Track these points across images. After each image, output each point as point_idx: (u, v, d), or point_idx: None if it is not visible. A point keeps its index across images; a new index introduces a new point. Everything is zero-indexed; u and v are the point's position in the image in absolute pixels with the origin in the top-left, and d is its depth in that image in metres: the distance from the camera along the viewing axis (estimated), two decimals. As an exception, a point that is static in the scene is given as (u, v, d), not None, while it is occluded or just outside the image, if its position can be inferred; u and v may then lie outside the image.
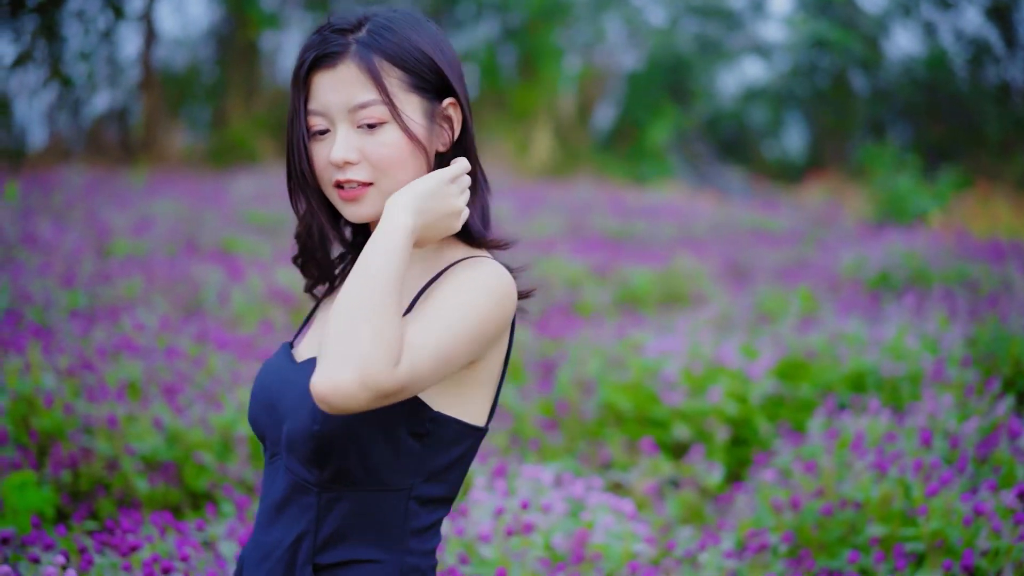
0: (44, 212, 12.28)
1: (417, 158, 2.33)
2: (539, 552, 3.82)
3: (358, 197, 2.32)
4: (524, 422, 6.02)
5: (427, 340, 2.17)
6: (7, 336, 6.33)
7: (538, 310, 8.27)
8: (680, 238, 11.58)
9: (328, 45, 2.31)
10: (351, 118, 2.30)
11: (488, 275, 2.26)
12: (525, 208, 13.59)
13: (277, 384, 2.35)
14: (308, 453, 2.24)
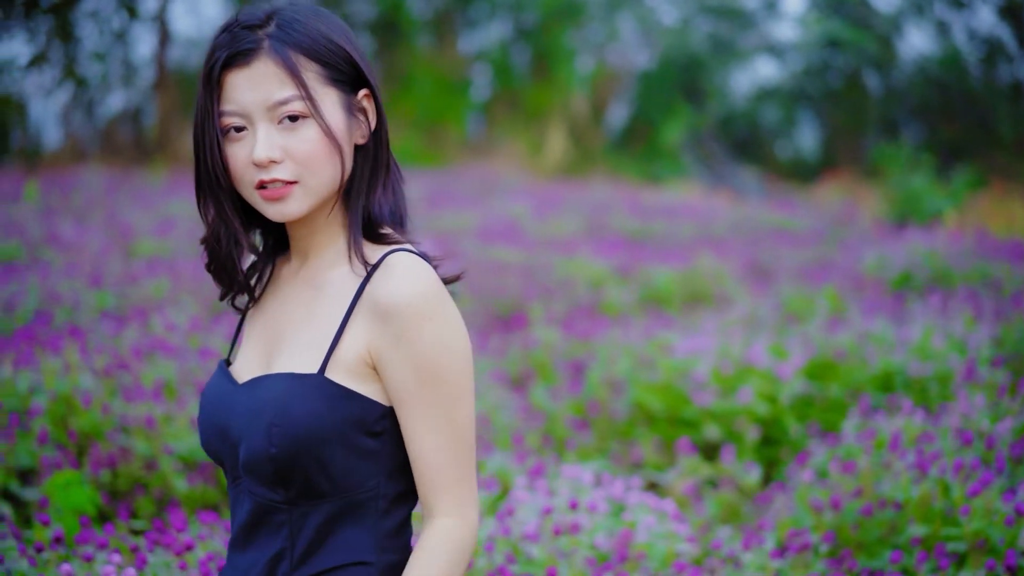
0: (65, 212, 12.32)
1: (335, 154, 2.29)
2: (587, 552, 3.84)
3: (283, 196, 2.27)
4: (556, 422, 6.05)
5: (463, 472, 2.25)
6: (44, 337, 6.37)
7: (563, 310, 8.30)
8: (700, 238, 11.61)
9: (239, 42, 2.26)
10: (270, 115, 2.25)
11: (424, 302, 2.23)
12: (542, 208, 13.61)
13: (224, 408, 2.32)
14: (270, 475, 2.23)
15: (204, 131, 2.28)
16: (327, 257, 2.37)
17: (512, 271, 9.27)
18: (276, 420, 2.20)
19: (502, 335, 7.58)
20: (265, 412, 2.22)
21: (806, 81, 25.68)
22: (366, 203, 2.36)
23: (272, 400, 2.22)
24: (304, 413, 2.21)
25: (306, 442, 2.20)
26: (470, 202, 14.23)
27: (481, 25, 24.83)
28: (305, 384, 2.23)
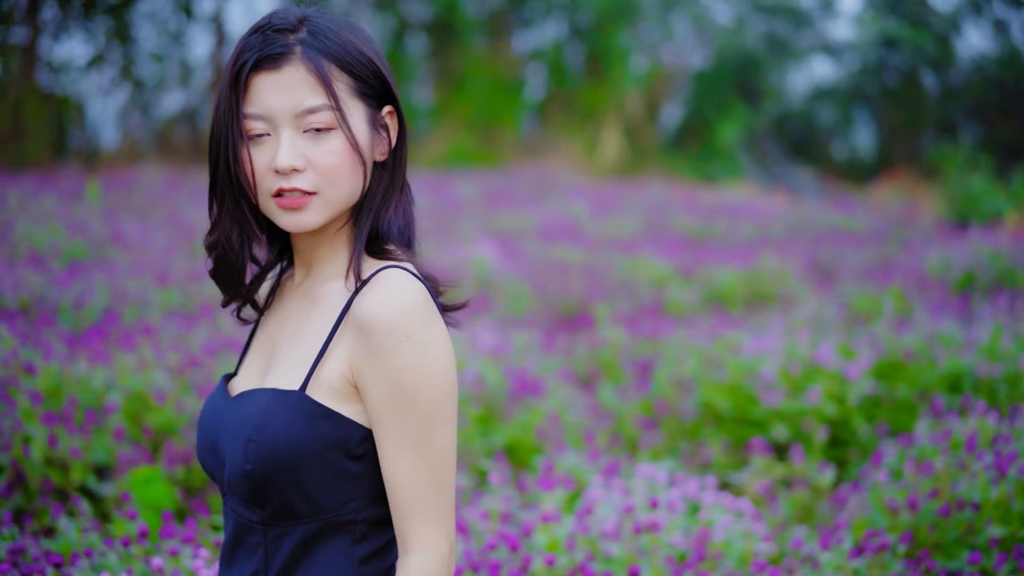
0: (126, 212, 12.43)
1: (359, 168, 2.23)
2: (668, 550, 3.85)
3: (301, 206, 2.20)
4: (624, 421, 6.06)
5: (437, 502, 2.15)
6: (115, 334, 6.44)
7: (626, 310, 8.29)
8: (760, 238, 11.58)
9: (271, 45, 2.20)
10: (297, 123, 2.19)
11: (406, 321, 2.14)
12: (599, 208, 13.61)
13: (215, 423, 2.27)
14: (246, 493, 2.18)
15: (226, 132, 2.21)
16: (327, 271, 2.31)
17: (574, 271, 9.28)
18: (253, 436, 2.15)
19: (566, 334, 7.59)
20: (245, 427, 2.17)
21: (862, 80, 25.53)
22: (375, 220, 2.30)
23: (252, 416, 2.18)
24: (281, 431, 2.16)
25: (282, 460, 2.15)
26: (527, 202, 14.24)
27: (535, 25, 24.84)
28: (285, 401, 2.18)
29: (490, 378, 5.92)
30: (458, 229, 11.74)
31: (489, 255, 9.40)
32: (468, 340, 6.47)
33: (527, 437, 5.63)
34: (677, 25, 24.55)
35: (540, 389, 6.01)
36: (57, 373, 5.47)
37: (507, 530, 3.90)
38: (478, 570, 3.52)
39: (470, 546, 3.79)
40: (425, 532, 2.14)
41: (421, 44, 24.72)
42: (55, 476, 4.89)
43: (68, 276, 8.47)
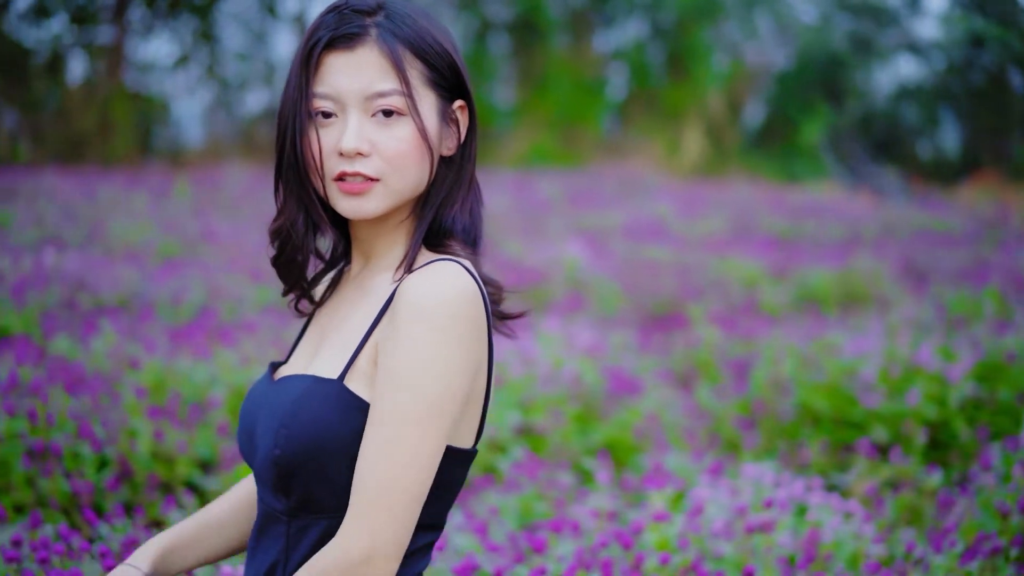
0: (214, 209, 12.55)
1: (425, 158, 2.19)
2: (781, 551, 3.82)
3: (363, 192, 2.16)
4: (722, 422, 6.03)
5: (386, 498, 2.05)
6: (215, 330, 6.51)
7: (718, 310, 8.26)
8: (850, 238, 11.47)
9: (346, 25, 2.15)
10: (366, 106, 2.15)
11: (436, 308, 2.06)
12: (685, 208, 13.56)
13: (255, 409, 2.24)
14: (273, 479, 2.14)
15: (294, 110, 2.18)
16: (383, 262, 2.28)
17: (664, 270, 9.25)
18: (285, 422, 2.12)
19: (660, 334, 7.56)
20: (278, 414, 2.14)
21: (949, 80, 25.21)
22: (438, 216, 2.26)
23: (287, 402, 2.14)
24: (313, 419, 2.12)
25: (311, 449, 2.10)
26: (611, 202, 14.22)
27: (617, 24, 24.78)
28: (322, 389, 2.14)
29: (588, 377, 5.91)
30: (545, 228, 11.74)
31: (579, 254, 9.40)
32: (565, 339, 6.47)
33: (625, 436, 5.61)
34: (760, 23, 24.38)
35: (637, 388, 5.99)
36: (160, 368, 5.53)
37: (616, 529, 3.89)
38: (590, 568, 3.51)
39: (580, 544, 3.78)
40: (353, 525, 2.06)
41: (503, 44, 24.74)
42: (161, 470, 4.95)
43: (164, 273, 8.57)
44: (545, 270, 9.21)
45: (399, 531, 2.05)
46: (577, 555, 3.57)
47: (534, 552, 3.68)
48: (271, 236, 2.31)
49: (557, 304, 8.21)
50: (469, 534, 3.99)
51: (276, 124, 2.21)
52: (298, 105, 2.16)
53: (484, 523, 4.08)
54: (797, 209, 13.43)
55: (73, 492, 4.59)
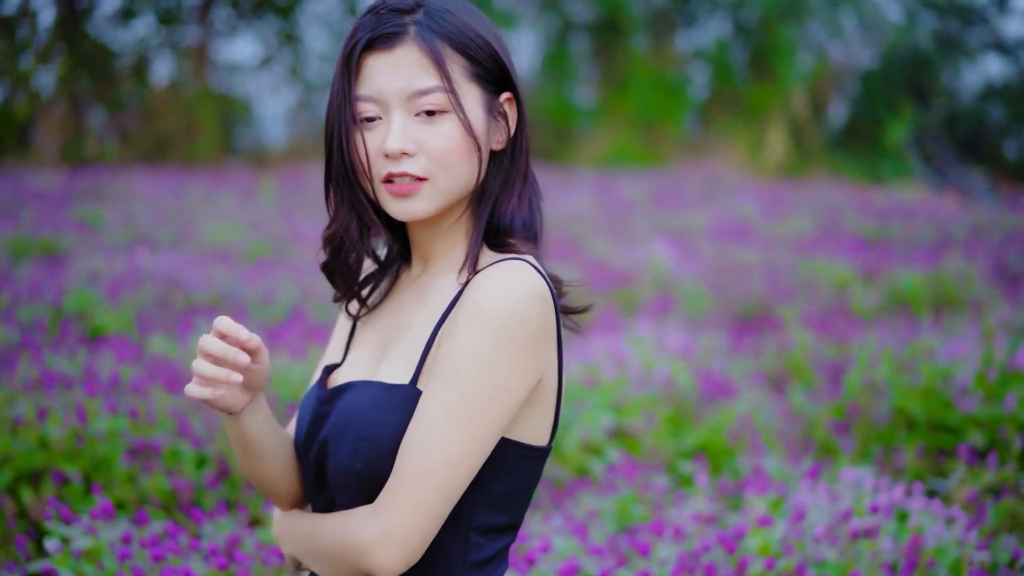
0: (298, 209, 12.64)
1: (473, 154, 2.18)
2: (884, 557, 3.79)
3: (411, 192, 2.15)
4: (816, 425, 5.98)
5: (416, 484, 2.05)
6: (308, 330, 6.56)
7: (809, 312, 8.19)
8: (940, 239, 11.33)
9: (384, 25, 2.15)
10: (408, 105, 2.14)
11: (495, 308, 2.07)
12: (769, 208, 13.47)
13: (311, 416, 2.24)
14: (356, 492, 2.14)
15: (339, 115, 2.17)
16: (444, 264, 2.27)
17: (751, 271, 9.20)
18: (364, 434, 2.12)
19: (750, 336, 7.52)
20: (353, 424, 2.13)
21: (1037, 79, 24.87)
22: (495, 212, 2.24)
23: (360, 412, 2.14)
24: (391, 428, 2.11)
25: (393, 458, 2.10)
26: (695, 202, 14.16)
27: (699, 23, 24.68)
28: (394, 396, 2.14)
29: (680, 379, 5.89)
30: (630, 229, 11.72)
31: (665, 255, 9.37)
32: (656, 341, 6.45)
33: (719, 439, 5.59)
34: (845, 22, 24.17)
35: (730, 391, 5.96)
36: (257, 368, 5.57)
37: (716, 533, 3.88)
38: (693, 572, 3.50)
39: (681, 547, 3.77)
40: (382, 504, 2.07)
41: (583, 44, 24.72)
42: (259, 468, 4.99)
43: (254, 273, 8.65)
44: (632, 271, 9.19)
45: (423, 521, 2.05)
46: (680, 559, 3.56)
47: (637, 555, 3.68)
48: (325, 242, 2.30)
49: (645, 306, 8.19)
50: (568, 536, 4.00)
51: (325, 130, 2.21)
52: (342, 110, 2.16)
53: (583, 525, 4.08)
54: (884, 210, 13.29)
55: (173, 490, 4.65)
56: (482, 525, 2.18)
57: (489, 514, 2.18)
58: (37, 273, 8.36)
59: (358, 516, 2.10)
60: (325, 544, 2.13)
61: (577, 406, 5.63)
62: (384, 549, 2.04)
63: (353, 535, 2.07)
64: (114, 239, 10.37)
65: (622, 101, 22.67)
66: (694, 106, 24.16)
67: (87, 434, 4.88)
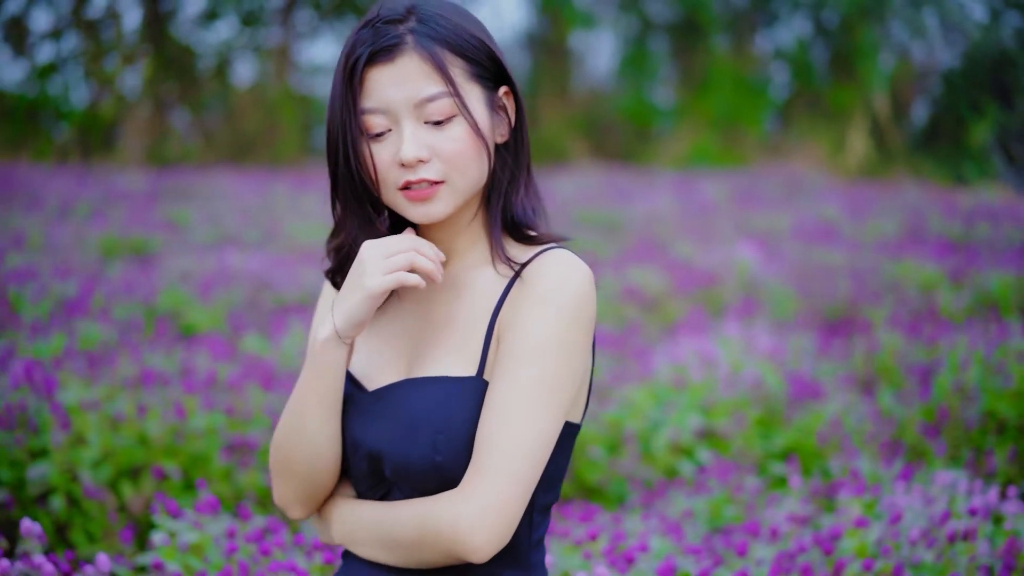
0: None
1: (483, 152, 2.23)
2: (980, 560, 3.78)
3: (430, 196, 2.20)
4: (906, 428, 5.96)
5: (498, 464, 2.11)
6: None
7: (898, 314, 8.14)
8: (1027, 241, 11.20)
9: (383, 38, 2.18)
10: (416, 113, 2.18)
11: (563, 292, 2.17)
12: (853, 210, 13.39)
13: (369, 422, 2.26)
14: (433, 484, 2.17)
15: (344, 130, 2.20)
16: (469, 259, 2.32)
17: (837, 273, 9.15)
18: (441, 427, 2.16)
19: (838, 338, 7.50)
20: (429, 419, 2.17)
21: (1124, 79, 24.49)
22: (508, 204, 2.30)
23: (434, 407, 2.18)
24: (465, 419, 2.17)
25: (471, 450, 2.15)
26: (777, 203, 14.11)
27: (779, 23, 24.56)
28: (464, 388, 2.19)
29: (769, 381, 5.89)
30: (713, 230, 11.70)
31: (750, 257, 9.35)
32: (744, 342, 6.45)
33: (809, 441, 5.58)
34: (927, 22, 23.93)
35: (818, 393, 5.95)
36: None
37: (811, 534, 3.89)
38: (789, 572, 3.51)
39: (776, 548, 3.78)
40: (473, 484, 2.12)
41: (662, 44, 24.69)
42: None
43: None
44: (716, 272, 9.18)
45: (515, 500, 2.11)
46: (776, 559, 3.57)
47: (733, 555, 3.69)
48: (331, 252, 2.35)
49: (731, 307, 8.18)
50: (661, 536, 4.02)
51: (327, 144, 2.25)
52: (347, 124, 2.20)
53: (677, 525, 4.11)
54: (968, 212, 13.16)
55: (268, 486, 4.72)
56: (541, 504, 2.26)
57: (544, 493, 2.25)
58: (129, 272, 8.50)
59: (446, 500, 2.13)
60: (406, 531, 2.17)
61: (666, 407, 5.65)
62: (479, 530, 2.09)
63: (444, 519, 2.11)
64: (201, 239, 10.53)
65: (702, 101, 22.63)
66: (774, 106, 24.05)
67: (185, 431, 4.97)
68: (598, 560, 3.47)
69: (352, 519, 2.27)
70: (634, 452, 5.42)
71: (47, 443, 4.91)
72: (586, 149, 21.69)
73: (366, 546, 2.24)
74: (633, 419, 5.56)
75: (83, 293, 7.50)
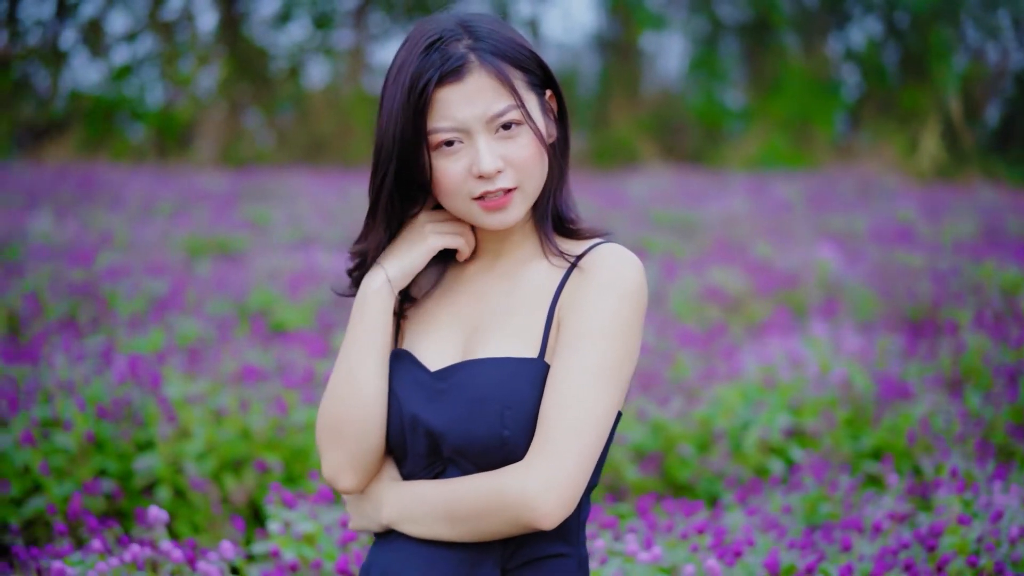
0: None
1: (545, 158, 2.35)
2: (1084, 559, 3.80)
3: (505, 204, 2.32)
4: (995, 428, 5.96)
5: (565, 437, 2.21)
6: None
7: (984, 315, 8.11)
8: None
9: (450, 60, 2.28)
10: (488, 127, 2.29)
11: (626, 280, 2.30)
12: (929, 212, 13.34)
13: (417, 396, 2.34)
14: (498, 459, 2.27)
15: (411, 148, 2.30)
16: (522, 253, 2.44)
17: (917, 275, 9.14)
18: (510, 403, 2.26)
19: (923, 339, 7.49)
20: (496, 396, 2.27)
21: None
22: (555, 201, 2.43)
23: (501, 384, 2.28)
24: (532, 397, 2.28)
25: (534, 426, 2.26)
26: (851, 204, 14.08)
27: (851, 24, 24.44)
28: (529, 369, 2.29)
29: (858, 381, 5.92)
30: (790, 231, 11.71)
31: (829, 258, 9.36)
32: (831, 343, 6.48)
33: (898, 441, 5.61)
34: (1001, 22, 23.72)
35: (907, 393, 5.98)
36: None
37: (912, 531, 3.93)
38: (891, 568, 3.55)
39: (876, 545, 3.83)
40: (539, 459, 2.23)
41: (732, 46, 24.65)
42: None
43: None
44: (796, 273, 9.20)
45: (582, 470, 2.24)
46: (879, 555, 3.62)
47: (835, 550, 3.75)
48: (355, 255, 2.44)
49: (812, 308, 8.20)
50: (761, 532, 4.07)
51: (377, 162, 2.36)
52: (417, 144, 2.30)
53: (775, 521, 4.16)
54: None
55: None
56: (588, 486, 2.35)
57: (592, 476, 2.34)
58: (217, 270, 8.65)
59: (514, 472, 2.24)
60: (472, 503, 2.26)
61: (755, 406, 5.70)
62: (549, 498, 2.20)
63: (515, 489, 2.22)
64: (283, 238, 10.66)
65: (772, 102, 22.56)
66: (845, 107, 23.93)
67: (286, 425, 5.08)
68: (706, 554, 3.53)
69: (410, 496, 2.34)
70: (724, 450, 5.47)
71: (152, 436, 5.04)
72: (656, 150, 21.70)
73: (425, 523, 2.31)
74: (723, 417, 5.62)
75: (174, 290, 7.65)
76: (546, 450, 2.22)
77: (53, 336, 6.37)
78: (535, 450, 2.24)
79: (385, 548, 2.39)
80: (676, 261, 10.10)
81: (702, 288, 8.70)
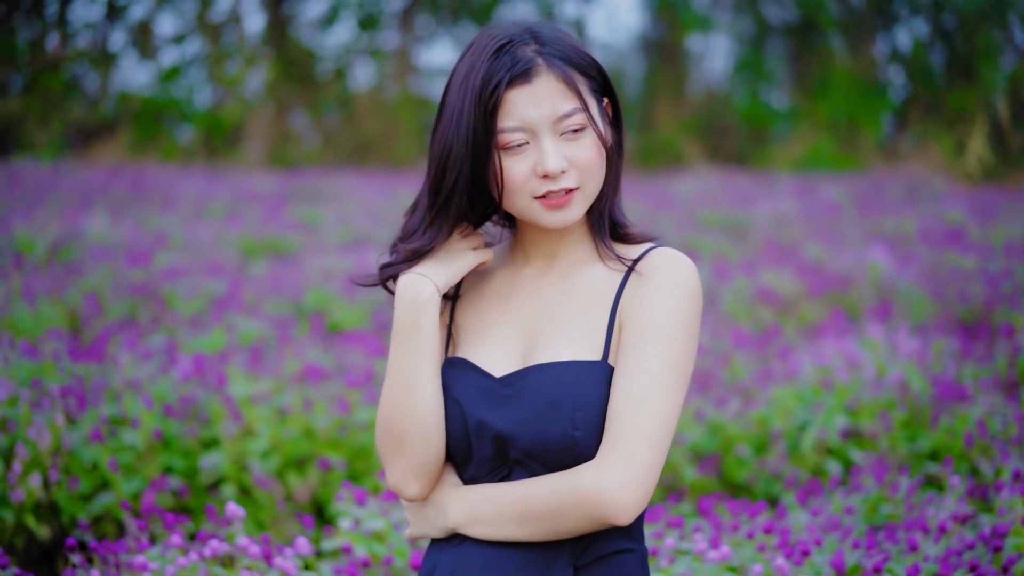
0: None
1: (604, 160, 2.43)
2: None
3: (566, 203, 2.38)
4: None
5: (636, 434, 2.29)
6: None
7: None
8: None
9: (520, 63, 2.35)
10: (554, 128, 2.36)
11: (686, 283, 2.38)
12: (979, 214, 13.28)
13: (482, 401, 2.39)
14: (569, 460, 2.33)
15: (480, 149, 2.37)
16: (577, 256, 2.50)
17: (970, 277, 9.12)
18: (580, 405, 2.32)
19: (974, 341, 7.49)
20: (565, 398, 2.33)
21: None
22: (610, 205, 2.50)
23: (570, 387, 2.34)
24: (600, 398, 2.34)
25: (603, 428, 2.32)
26: (899, 206, 14.04)
27: (897, 26, 24.33)
28: (595, 371, 2.35)
29: (914, 383, 5.93)
30: (839, 233, 11.69)
31: (881, 260, 9.36)
32: (887, 345, 6.49)
33: (955, 442, 5.61)
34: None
35: (963, 395, 5.98)
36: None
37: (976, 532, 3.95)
38: (955, 569, 3.58)
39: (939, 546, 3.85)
40: (613, 457, 2.29)
41: (778, 47, 24.59)
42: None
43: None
44: (848, 275, 9.20)
45: (655, 466, 2.32)
46: (944, 556, 3.65)
47: (901, 550, 3.77)
48: (410, 253, 2.46)
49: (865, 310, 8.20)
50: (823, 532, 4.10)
51: (443, 162, 2.41)
52: (486, 144, 2.37)
53: (836, 521, 4.19)
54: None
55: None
56: None
57: None
58: (273, 271, 8.74)
59: (589, 471, 2.30)
60: (547, 503, 2.32)
61: (812, 407, 5.72)
62: (626, 494, 2.28)
63: (591, 487, 2.28)
64: (335, 239, 10.74)
65: (818, 104, 22.50)
66: (891, 109, 23.83)
67: (349, 424, 5.15)
68: (774, 553, 3.56)
69: (478, 499, 2.40)
70: (781, 451, 5.50)
71: (217, 434, 5.12)
72: (701, 151, 21.66)
73: (495, 524, 2.37)
74: (780, 418, 5.64)
75: (232, 290, 7.74)
76: (619, 448, 2.28)
77: (115, 335, 6.46)
78: (607, 449, 2.30)
79: (448, 550, 2.44)
80: (727, 263, 10.10)
81: (754, 290, 8.71)
